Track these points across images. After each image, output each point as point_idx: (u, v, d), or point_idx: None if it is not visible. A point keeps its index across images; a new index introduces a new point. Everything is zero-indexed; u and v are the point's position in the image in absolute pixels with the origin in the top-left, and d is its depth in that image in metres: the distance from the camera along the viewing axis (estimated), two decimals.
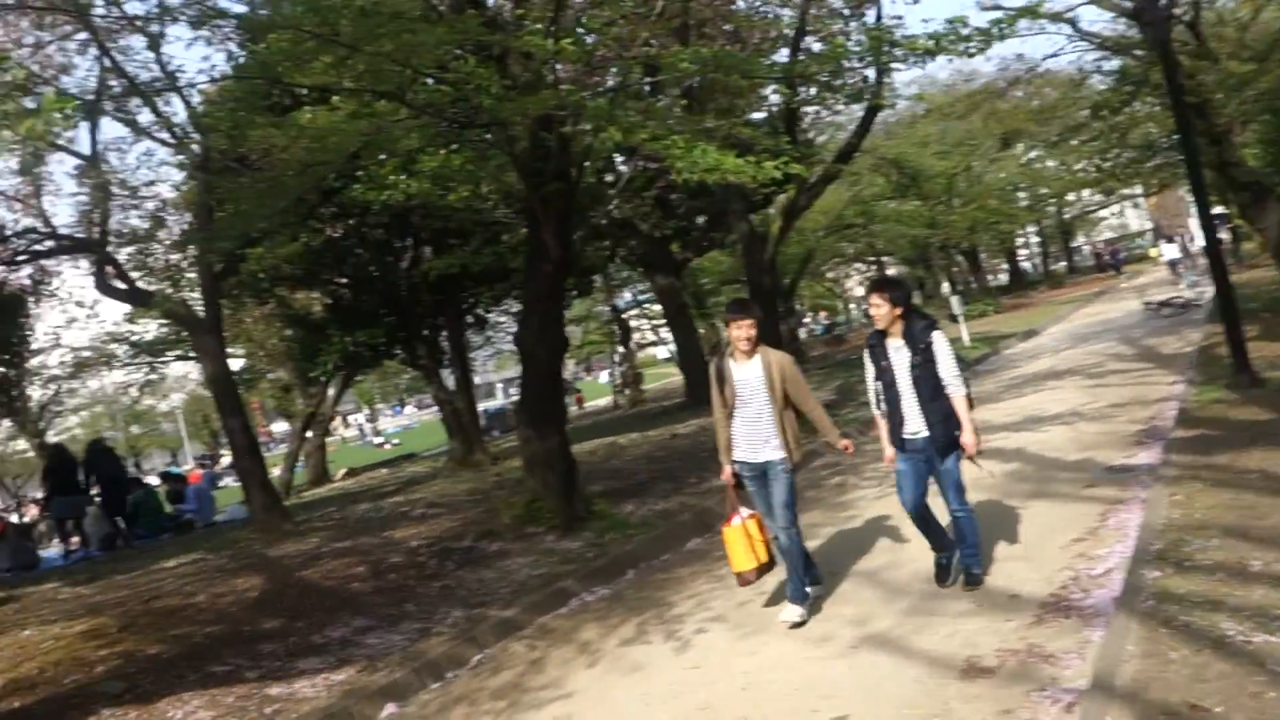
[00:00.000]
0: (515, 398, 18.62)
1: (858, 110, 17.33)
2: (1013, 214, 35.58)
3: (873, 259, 39.93)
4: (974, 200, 30.93)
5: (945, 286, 29.17)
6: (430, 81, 8.77)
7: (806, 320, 45.46)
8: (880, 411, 5.92)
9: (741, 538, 5.94)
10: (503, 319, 22.28)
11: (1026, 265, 51.87)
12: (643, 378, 30.75)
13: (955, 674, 4.65)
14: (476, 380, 23.95)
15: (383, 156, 11.71)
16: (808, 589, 5.97)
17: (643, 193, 16.09)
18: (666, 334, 29.75)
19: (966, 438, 5.60)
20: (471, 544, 9.19)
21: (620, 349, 29.85)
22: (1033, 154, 35.26)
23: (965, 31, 9.83)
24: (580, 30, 9.33)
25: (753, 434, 5.87)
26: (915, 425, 5.69)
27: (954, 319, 21.84)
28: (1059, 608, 5.16)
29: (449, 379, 18.27)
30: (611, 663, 5.90)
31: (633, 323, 32.46)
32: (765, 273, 16.41)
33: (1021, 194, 37.85)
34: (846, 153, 17.22)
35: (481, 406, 27.05)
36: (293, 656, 6.64)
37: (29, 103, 3.43)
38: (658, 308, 27.56)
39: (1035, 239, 50.79)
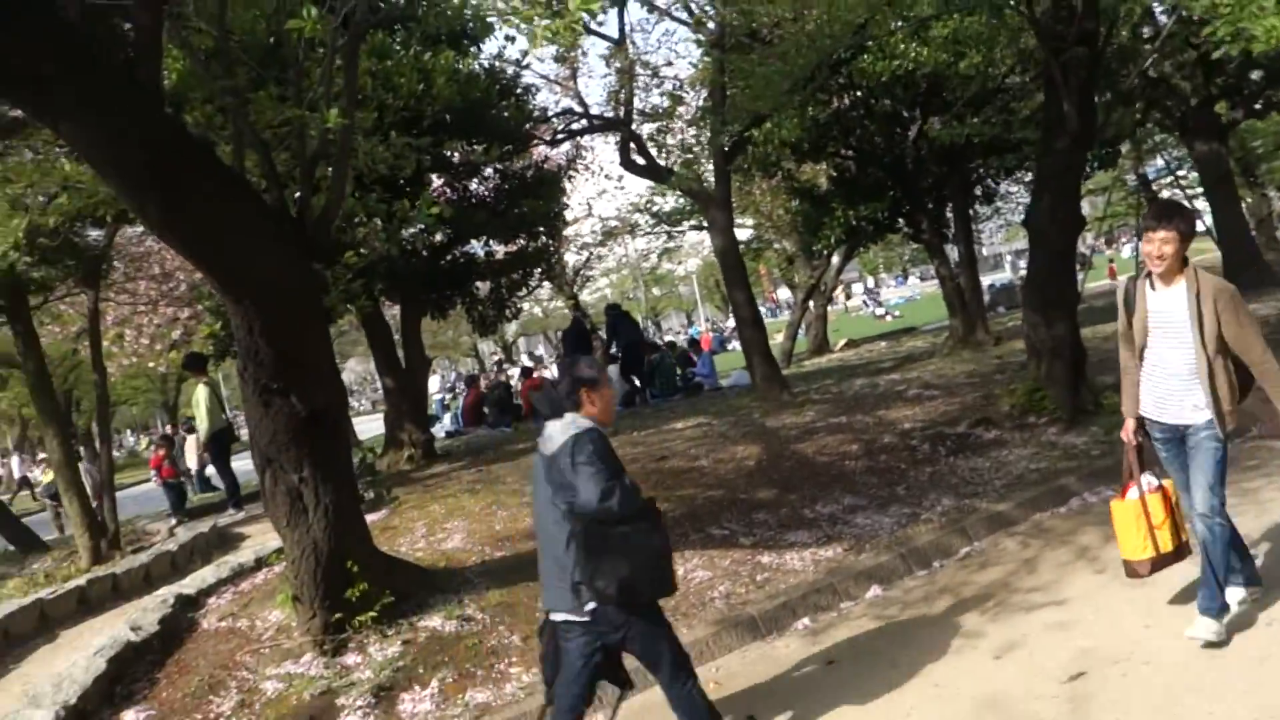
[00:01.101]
0: (1023, 273, 17.61)
1: None
2: None
3: None
4: None
5: None
6: None
7: None
8: None
9: (1136, 517, 4.61)
10: (1014, 188, 21.03)
11: None
12: None
13: None
14: (983, 252, 22.98)
15: (894, 25, 11.38)
16: (1238, 596, 4.59)
17: (1183, 50, 14.09)
18: (1203, 205, 26.30)
19: None
20: (967, 430, 8.94)
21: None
22: None
23: None
24: None
25: (1168, 385, 4.46)
26: None
27: None
28: None
29: (953, 253, 17.70)
30: (1115, 572, 5.43)
31: (1163, 193, 29.07)
32: None
33: None
34: None
35: (986, 281, 26.01)
36: (784, 528, 6.95)
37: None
38: (1195, 175, 24.40)
39: None
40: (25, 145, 8.64)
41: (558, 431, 3.93)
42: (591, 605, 3.86)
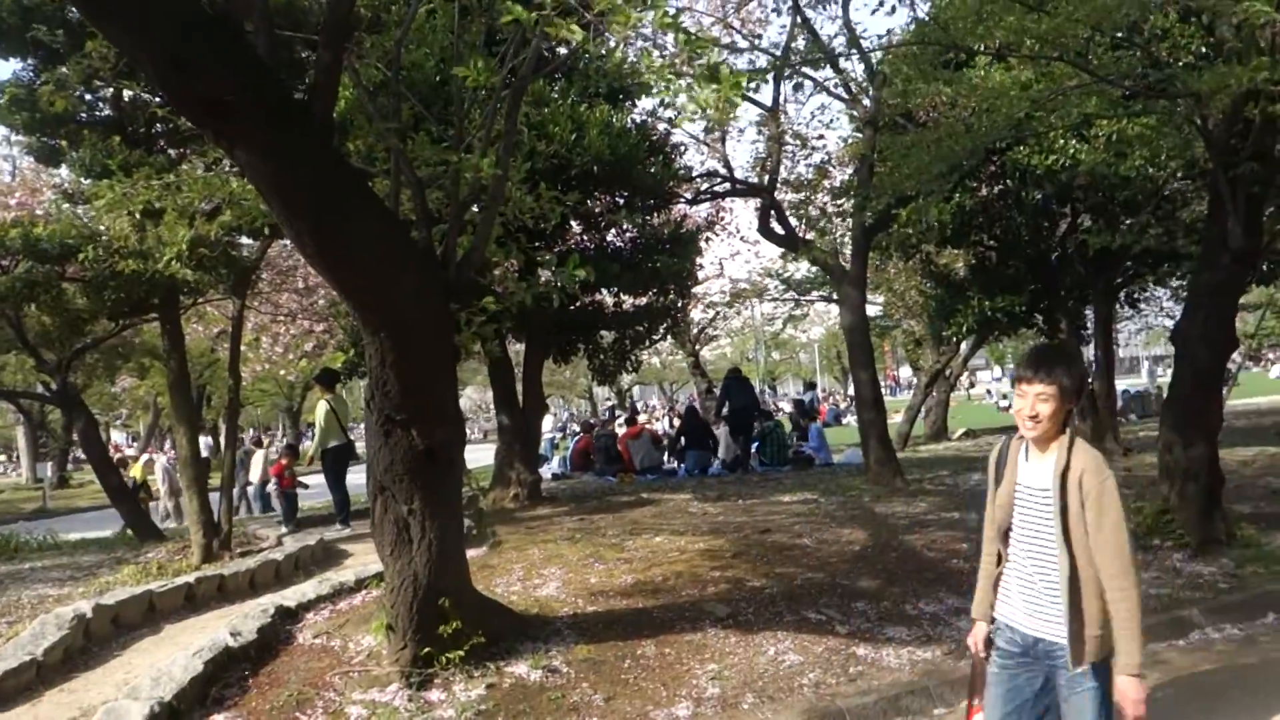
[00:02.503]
0: (1160, 381, 16.90)
1: None
2: None
3: None
4: None
5: None
6: (1117, 40, 8.08)
7: None
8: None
9: None
10: (1160, 292, 20.31)
11: None
12: None
13: None
14: (1120, 354, 22.19)
15: (1053, 119, 11.16)
16: None
17: None
18: None
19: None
20: None
21: None
22: None
23: None
24: None
25: (1027, 583, 3.44)
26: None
27: None
28: None
29: (1088, 353, 17.15)
30: (1232, 713, 5.12)
31: None
32: None
33: None
34: None
35: (1121, 386, 25.08)
36: (883, 620, 6.75)
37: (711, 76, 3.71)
38: None
39: None
40: (199, 156, 9.15)
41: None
42: None
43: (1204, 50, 8.78)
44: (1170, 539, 8.48)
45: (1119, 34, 8.36)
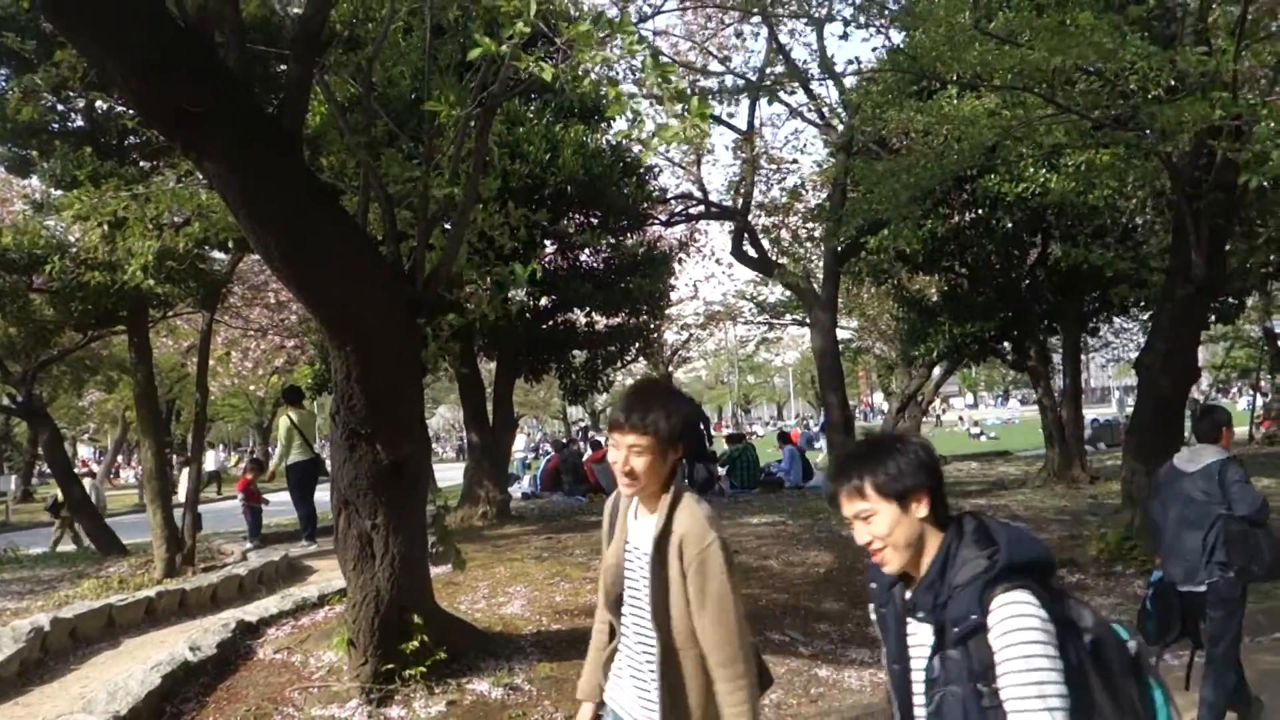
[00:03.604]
0: (1129, 412, 17.08)
1: None
2: None
3: None
4: None
5: None
6: (1086, 72, 8.22)
7: None
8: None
9: None
10: (1129, 325, 20.53)
11: None
12: None
13: None
14: (1090, 383, 22.41)
15: (1023, 148, 11.31)
16: None
17: None
18: None
19: None
20: None
21: (1270, 377, 25.99)
22: None
23: None
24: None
25: (636, 663, 2.81)
26: None
27: None
28: None
29: (1058, 381, 17.32)
30: None
31: None
32: None
33: None
34: None
35: (1089, 415, 25.28)
36: (846, 642, 6.78)
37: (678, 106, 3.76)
38: None
39: None
40: (170, 168, 9.12)
41: (1207, 455, 5.18)
42: (1212, 579, 5.03)
43: (1171, 84, 8.95)
44: (1133, 565, 8.57)
45: (1088, 68, 8.51)
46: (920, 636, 2.26)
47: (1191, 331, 9.00)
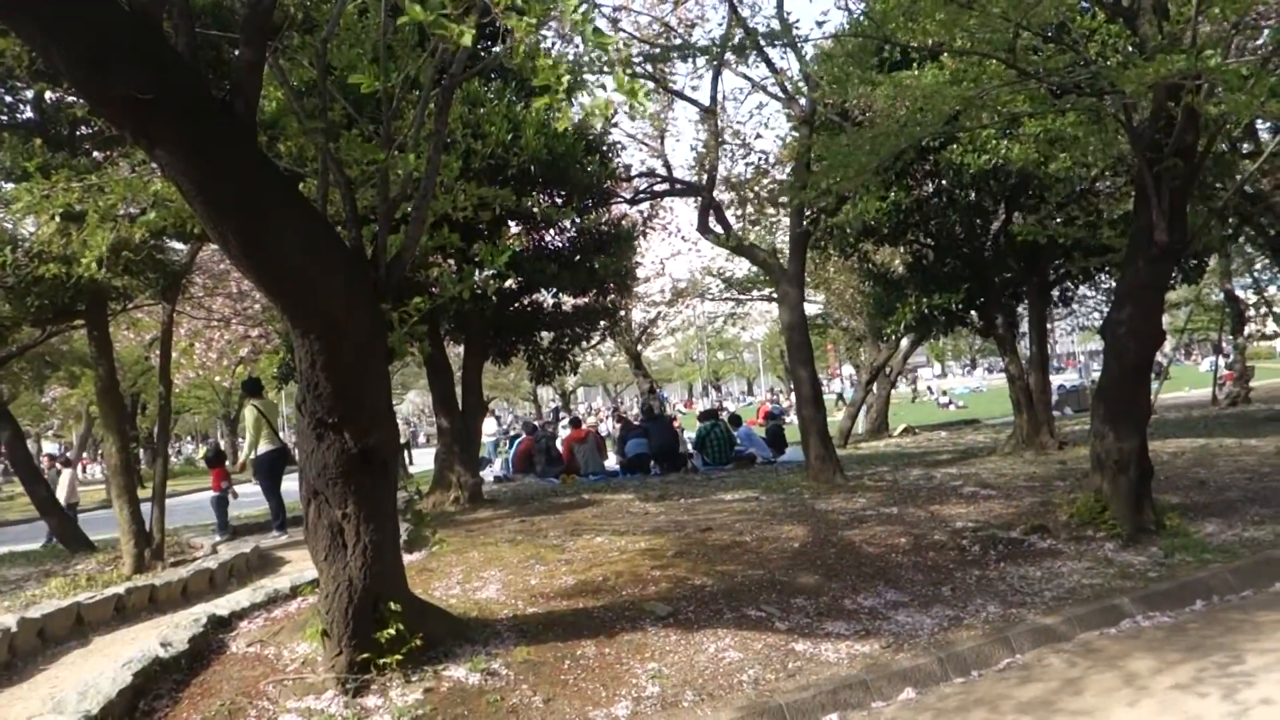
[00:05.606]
0: (1095, 377, 17.27)
1: None
2: None
3: None
4: None
5: None
6: (1044, 41, 8.22)
7: None
8: None
9: None
10: (1091, 293, 20.69)
11: None
12: (1252, 373, 26.81)
13: None
14: (1056, 350, 22.62)
15: (984, 118, 11.34)
16: None
17: None
18: None
19: None
20: (1020, 535, 8.70)
21: (1230, 339, 26.27)
22: None
23: None
24: None
25: None
26: None
27: None
28: None
29: (1024, 349, 17.44)
30: (1159, 706, 5.21)
31: (1251, 310, 28.37)
32: None
33: None
34: None
35: (1056, 382, 25.52)
36: (822, 616, 6.79)
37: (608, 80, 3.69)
38: None
39: None
40: (124, 158, 8.94)
41: None
42: None
43: (1131, 49, 8.98)
44: (1104, 528, 8.64)
45: (1048, 33, 8.52)
46: None
47: (1156, 296, 9.04)
